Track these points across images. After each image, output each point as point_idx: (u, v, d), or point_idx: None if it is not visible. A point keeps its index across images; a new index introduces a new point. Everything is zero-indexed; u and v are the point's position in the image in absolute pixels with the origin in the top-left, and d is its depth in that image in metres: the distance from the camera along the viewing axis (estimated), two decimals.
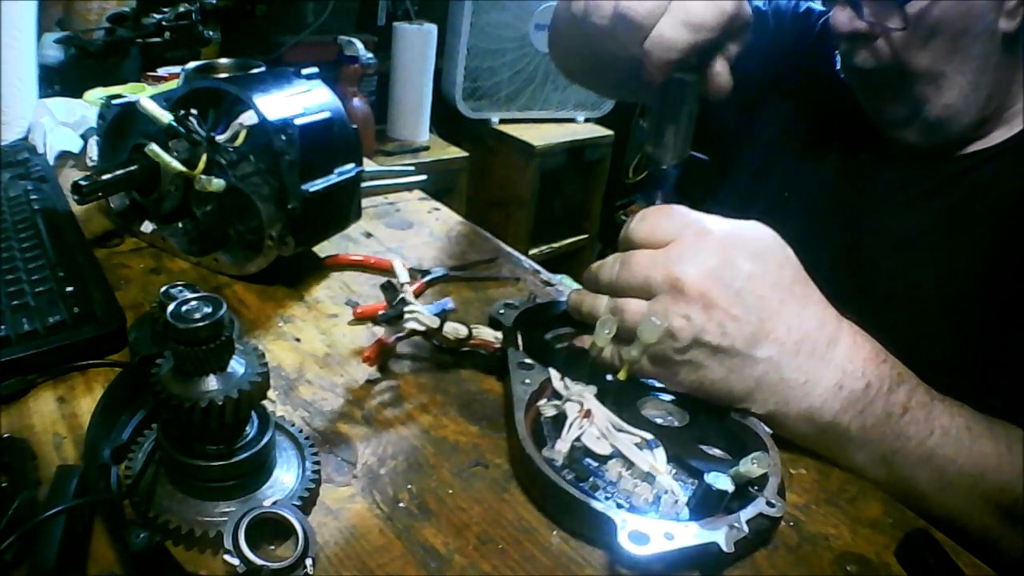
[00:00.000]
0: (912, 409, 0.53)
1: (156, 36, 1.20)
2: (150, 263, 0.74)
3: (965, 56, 0.67)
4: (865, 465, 0.53)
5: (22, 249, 0.67)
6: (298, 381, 0.58)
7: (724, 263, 0.51)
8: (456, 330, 0.58)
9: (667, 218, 0.54)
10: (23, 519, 0.40)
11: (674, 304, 0.51)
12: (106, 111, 0.74)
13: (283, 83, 0.70)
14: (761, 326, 0.50)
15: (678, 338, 0.50)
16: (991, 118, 0.72)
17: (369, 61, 2.04)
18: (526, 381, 0.54)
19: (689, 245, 0.52)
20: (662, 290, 0.51)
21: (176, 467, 0.44)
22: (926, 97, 0.69)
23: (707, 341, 0.50)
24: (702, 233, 0.52)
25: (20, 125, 0.97)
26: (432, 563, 0.43)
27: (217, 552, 0.41)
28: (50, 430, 0.50)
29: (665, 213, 0.54)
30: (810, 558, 0.46)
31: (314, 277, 0.74)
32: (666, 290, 0.51)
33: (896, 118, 0.73)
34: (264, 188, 0.66)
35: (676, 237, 0.52)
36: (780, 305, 0.51)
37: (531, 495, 0.48)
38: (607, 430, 0.49)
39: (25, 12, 0.98)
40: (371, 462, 0.50)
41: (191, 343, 0.40)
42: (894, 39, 0.67)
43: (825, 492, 0.51)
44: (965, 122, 0.71)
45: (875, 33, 0.68)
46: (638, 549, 0.41)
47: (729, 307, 0.50)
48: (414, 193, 0.97)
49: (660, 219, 0.54)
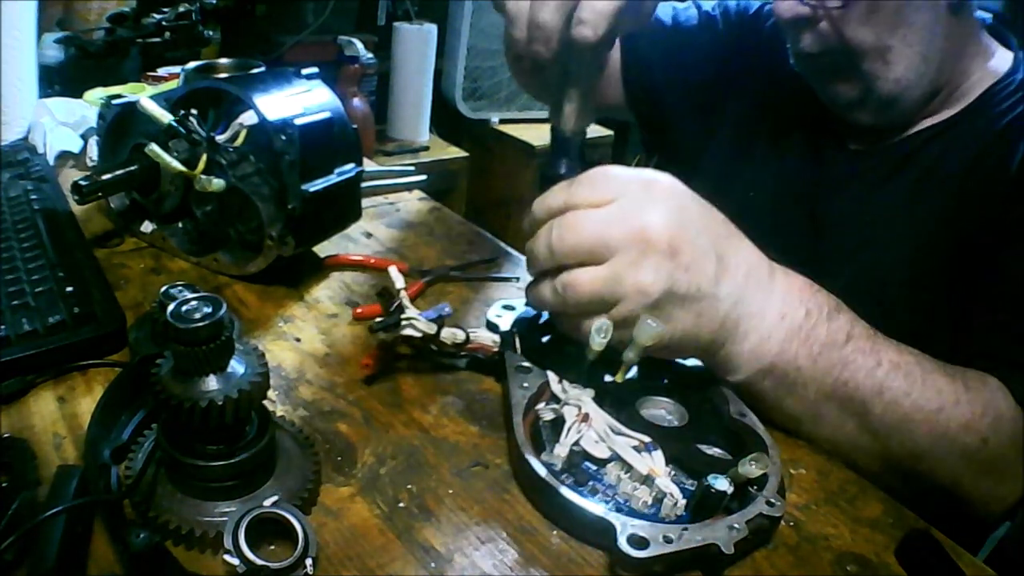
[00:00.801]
0: (855, 338, 0.53)
1: (156, 36, 1.20)
2: (150, 263, 0.74)
3: (910, 27, 0.67)
4: (817, 403, 0.53)
5: (22, 249, 0.67)
6: (298, 381, 0.58)
7: (680, 207, 0.50)
8: (454, 335, 0.58)
9: (606, 177, 0.51)
10: (23, 519, 0.40)
11: (641, 258, 0.48)
12: (106, 111, 0.74)
13: (283, 83, 0.70)
14: (719, 264, 0.50)
15: (649, 293, 0.48)
16: (943, 92, 0.73)
17: (369, 61, 2.04)
18: (524, 385, 0.54)
19: (642, 196, 0.50)
20: (623, 246, 0.48)
21: (176, 467, 0.44)
22: (876, 73, 0.69)
23: (676, 290, 0.49)
24: (649, 183, 0.51)
25: (20, 125, 0.97)
26: (432, 563, 0.43)
27: (217, 552, 0.41)
28: (50, 430, 0.50)
29: (602, 173, 0.52)
30: (810, 558, 0.46)
31: (314, 277, 0.74)
32: (628, 245, 0.48)
33: (849, 99, 0.73)
34: (264, 188, 0.66)
35: (621, 192, 0.50)
36: (728, 241, 0.52)
37: (531, 498, 0.48)
38: (605, 433, 0.49)
39: (25, 12, 0.98)
40: (371, 462, 0.50)
41: (191, 343, 0.40)
42: (836, 18, 0.67)
43: (825, 492, 0.51)
44: (917, 95, 0.71)
45: (817, 16, 0.68)
46: (637, 553, 0.41)
47: (693, 250, 0.49)
48: (414, 193, 0.97)
49: (599, 179, 0.51)
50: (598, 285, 0.49)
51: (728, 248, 0.51)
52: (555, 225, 0.51)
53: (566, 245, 0.50)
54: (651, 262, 0.48)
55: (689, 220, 0.50)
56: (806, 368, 0.52)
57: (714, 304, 0.50)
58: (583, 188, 0.51)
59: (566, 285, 0.50)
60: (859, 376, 0.53)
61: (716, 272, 0.50)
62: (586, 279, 0.49)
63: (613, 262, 0.49)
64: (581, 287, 0.50)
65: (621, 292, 0.49)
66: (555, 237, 0.50)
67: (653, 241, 0.48)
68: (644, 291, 0.48)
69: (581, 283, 0.50)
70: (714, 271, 0.50)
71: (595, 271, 0.49)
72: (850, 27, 0.68)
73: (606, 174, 0.52)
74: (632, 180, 0.51)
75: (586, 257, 0.50)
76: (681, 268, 0.49)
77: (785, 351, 0.52)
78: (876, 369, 0.53)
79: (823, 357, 0.52)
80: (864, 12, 0.67)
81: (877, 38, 0.68)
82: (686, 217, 0.50)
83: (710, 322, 0.51)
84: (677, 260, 0.49)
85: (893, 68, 0.69)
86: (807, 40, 0.70)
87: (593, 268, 0.49)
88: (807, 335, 0.52)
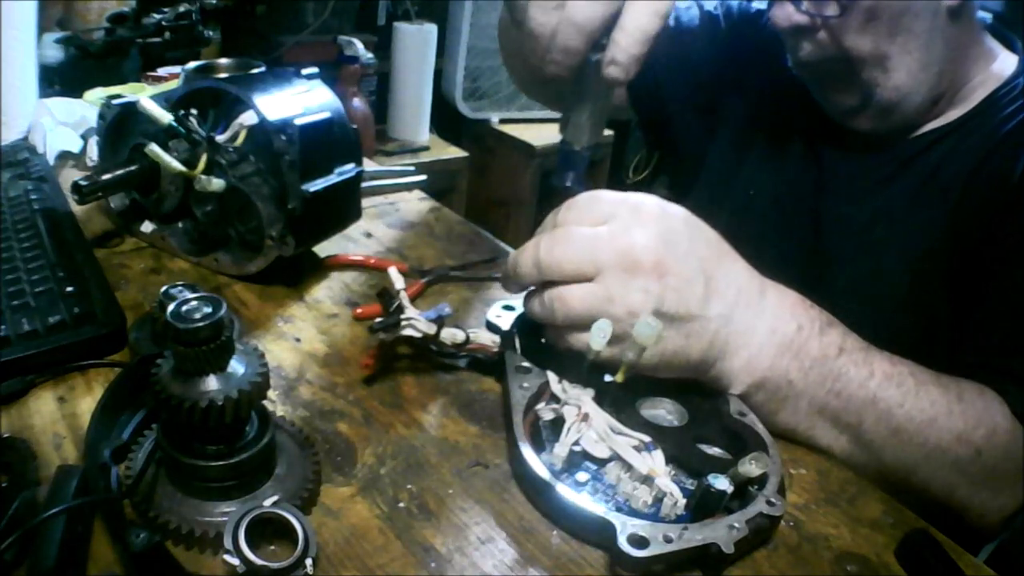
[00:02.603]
0: (848, 351, 0.53)
1: (156, 36, 1.20)
2: (150, 263, 0.74)
3: (909, 35, 0.67)
4: (811, 416, 0.53)
5: (22, 249, 0.67)
6: (298, 381, 0.58)
7: (668, 230, 0.51)
8: (453, 335, 0.58)
9: (596, 200, 0.52)
10: (23, 519, 0.40)
11: (630, 278, 0.49)
12: (106, 111, 0.74)
13: (283, 83, 0.70)
14: (708, 285, 0.51)
15: (637, 313, 0.48)
16: (945, 96, 0.72)
17: (369, 61, 2.05)
18: (524, 385, 0.54)
19: (631, 218, 0.50)
20: (611, 265, 0.49)
21: (176, 467, 0.44)
22: (875, 81, 0.69)
23: (666, 311, 0.49)
24: (637, 206, 0.51)
25: (20, 125, 0.97)
26: (432, 563, 0.43)
27: (217, 552, 0.41)
28: (50, 430, 0.50)
29: (592, 197, 0.53)
30: (810, 558, 0.46)
31: (314, 277, 0.74)
32: (616, 265, 0.49)
33: (849, 107, 0.73)
34: (264, 188, 0.66)
35: (611, 215, 0.51)
36: (718, 262, 0.52)
37: (531, 498, 0.48)
38: (605, 433, 0.49)
39: (25, 12, 0.98)
40: (371, 462, 0.50)
41: (191, 343, 0.40)
42: (834, 27, 0.67)
43: (825, 492, 0.51)
44: (918, 101, 0.71)
45: (815, 24, 0.68)
46: (637, 553, 0.41)
47: (680, 272, 0.50)
48: (414, 193, 0.97)
49: (590, 202, 0.52)
50: (588, 303, 0.50)
51: (717, 269, 0.52)
52: (544, 238, 0.51)
53: (553, 258, 0.50)
54: (639, 283, 0.49)
55: (677, 242, 0.50)
56: (798, 381, 0.52)
57: (703, 324, 0.51)
58: (573, 210, 0.52)
59: (555, 299, 0.51)
60: (851, 387, 0.53)
61: (704, 293, 0.50)
62: (576, 296, 0.50)
63: (602, 281, 0.49)
64: (571, 303, 0.50)
65: (610, 311, 0.49)
66: (543, 250, 0.51)
67: (641, 262, 0.49)
68: (633, 311, 0.49)
69: (571, 299, 0.50)
70: (702, 292, 0.50)
71: (585, 288, 0.50)
72: (848, 36, 0.67)
73: (597, 197, 0.52)
74: (621, 202, 0.51)
75: (573, 273, 0.50)
76: (669, 289, 0.49)
77: (776, 365, 0.52)
78: (869, 380, 0.53)
79: (814, 371, 0.52)
80: (862, 21, 0.66)
81: (876, 46, 0.67)
82: (674, 239, 0.50)
83: (699, 341, 0.51)
84: (664, 281, 0.49)
85: (892, 76, 0.69)
86: (806, 48, 0.70)
87: (583, 285, 0.50)
88: (799, 349, 0.52)
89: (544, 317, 0.53)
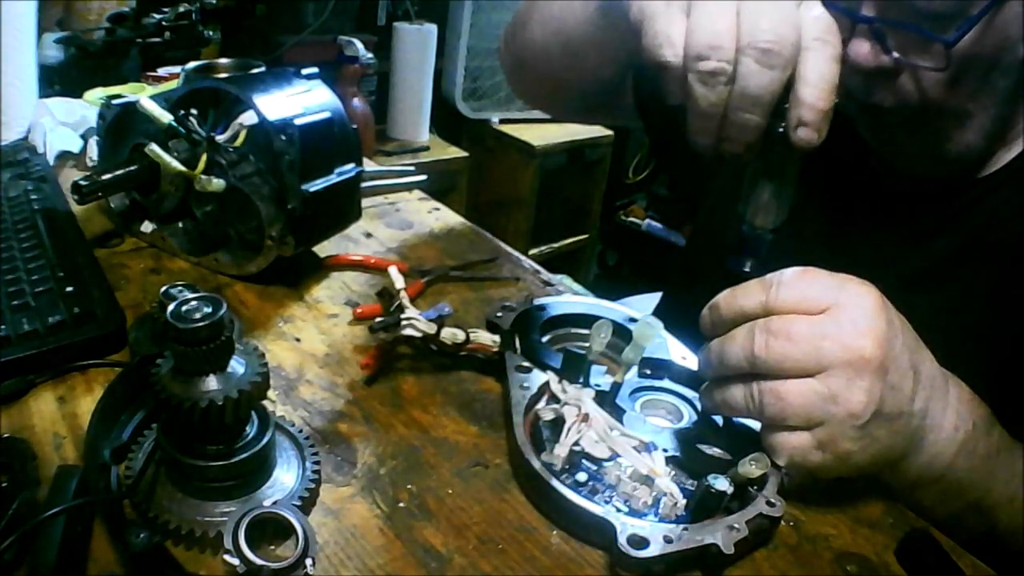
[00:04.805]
0: (1003, 451, 0.52)
1: (156, 36, 1.20)
2: (150, 263, 0.74)
3: (991, 91, 0.61)
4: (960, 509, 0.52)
5: (22, 249, 0.67)
6: (298, 381, 0.58)
7: (888, 323, 0.47)
8: (453, 335, 0.58)
9: (817, 282, 0.48)
10: (23, 519, 0.40)
11: (856, 378, 0.45)
12: (106, 111, 0.74)
13: (283, 83, 0.70)
14: (915, 378, 0.48)
15: (860, 416, 0.45)
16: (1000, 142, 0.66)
17: (369, 61, 2.04)
18: (524, 385, 0.54)
19: (856, 310, 0.46)
20: (838, 363, 0.45)
21: (176, 467, 0.44)
22: (948, 135, 0.62)
23: (883, 410, 0.46)
24: (862, 294, 0.47)
25: (20, 125, 0.97)
26: (432, 563, 0.43)
27: (217, 552, 0.41)
28: (50, 430, 0.50)
29: (807, 281, 0.48)
30: (810, 558, 0.46)
31: (314, 277, 0.74)
32: (843, 363, 0.45)
33: (909, 153, 0.67)
34: (264, 188, 0.66)
35: (832, 302, 0.46)
36: (918, 354, 0.49)
37: (531, 498, 0.48)
38: (605, 433, 0.49)
39: (25, 12, 0.98)
40: (371, 462, 0.50)
41: (191, 343, 0.40)
42: (923, 77, 0.59)
43: (825, 492, 0.51)
44: (981, 153, 0.65)
45: (899, 69, 0.59)
46: (637, 553, 0.41)
47: (898, 368, 0.46)
48: (414, 193, 0.97)
49: (811, 283, 0.48)
50: (808, 401, 0.46)
51: (920, 360, 0.49)
52: (759, 330, 0.47)
53: (774, 354, 0.46)
54: (864, 383, 0.45)
55: (895, 336, 0.47)
56: (964, 479, 0.51)
57: (908, 420, 0.48)
58: (788, 291, 0.47)
59: (768, 394, 0.47)
60: (997, 488, 0.51)
61: (913, 387, 0.47)
62: (795, 393, 0.46)
63: (826, 380, 0.45)
64: (790, 400, 0.46)
65: (832, 412, 0.46)
66: (759, 344, 0.46)
67: (869, 360, 0.45)
68: (856, 414, 0.45)
69: (790, 397, 0.46)
70: (911, 387, 0.47)
71: (806, 386, 0.46)
72: (935, 87, 0.59)
73: (812, 278, 0.48)
74: (841, 287, 0.47)
75: (793, 370, 0.46)
76: (888, 387, 0.46)
77: (954, 464, 0.50)
78: (1011, 480, 0.52)
79: (978, 471, 0.51)
80: (953, 74, 0.58)
81: (959, 102, 0.60)
82: (893, 333, 0.47)
83: (904, 439, 0.48)
84: (886, 380, 0.46)
85: (968, 133, 0.62)
86: (881, 93, 0.61)
87: (803, 382, 0.46)
88: (972, 448, 0.50)
89: (749, 413, 0.48)
